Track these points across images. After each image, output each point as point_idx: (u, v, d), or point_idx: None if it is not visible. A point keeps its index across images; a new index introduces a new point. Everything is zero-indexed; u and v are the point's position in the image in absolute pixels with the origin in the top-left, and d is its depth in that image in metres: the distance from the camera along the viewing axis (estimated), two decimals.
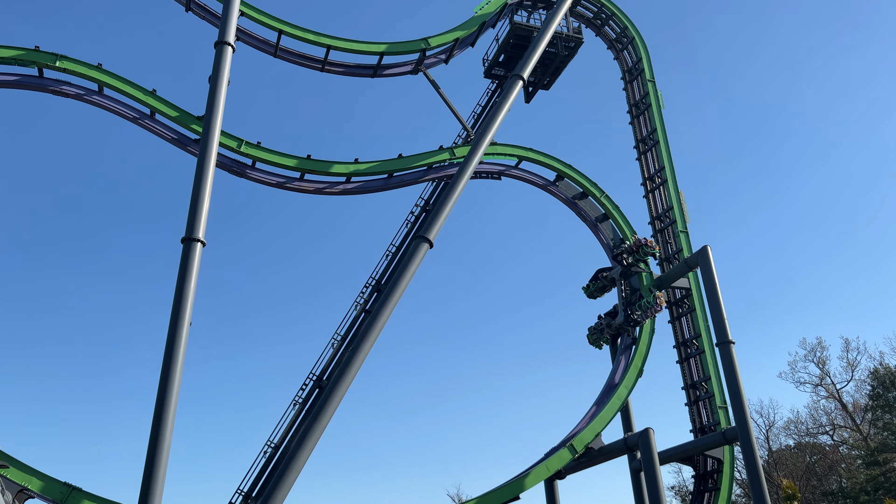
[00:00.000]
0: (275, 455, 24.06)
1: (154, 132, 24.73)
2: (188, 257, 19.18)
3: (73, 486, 19.25)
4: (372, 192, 27.48)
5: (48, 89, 23.51)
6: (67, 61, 23.09)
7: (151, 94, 23.99)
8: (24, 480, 19.04)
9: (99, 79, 23.54)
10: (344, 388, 20.06)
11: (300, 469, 18.98)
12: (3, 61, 22.63)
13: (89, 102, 24.16)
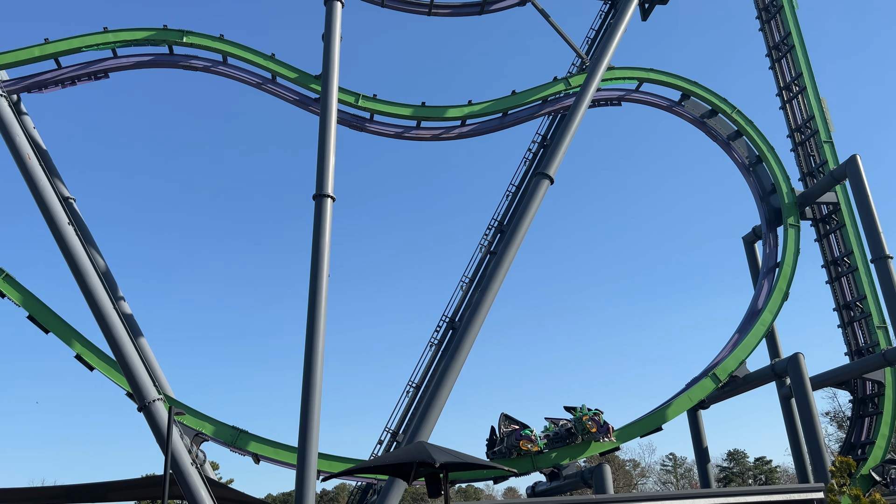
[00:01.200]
0: (416, 394, 25.15)
1: (277, 95, 25.69)
2: (321, 212, 20.07)
3: (241, 430, 21.15)
4: (488, 132, 27.29)
5: (179, 65, 24.96)
6: (194, 36, 24.33)
7: (271, 58, 24.86)
8: (198, 426, 21.14)
9: (223, 49, 24.67)
10: (476, 328, 20.50)
11: (442, 406, 19.77)
12: (137, 43, 24.21)
13: (215, 73, 25.42)
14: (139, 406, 19.34)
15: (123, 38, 24.05)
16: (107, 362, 21.69)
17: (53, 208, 20.65)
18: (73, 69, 24.25)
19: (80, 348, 21.79)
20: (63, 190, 24.91)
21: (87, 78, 24.58)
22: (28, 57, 23.42)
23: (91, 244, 24.24)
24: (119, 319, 20.22)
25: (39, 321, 21.82)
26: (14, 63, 23.35)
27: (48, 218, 20.63)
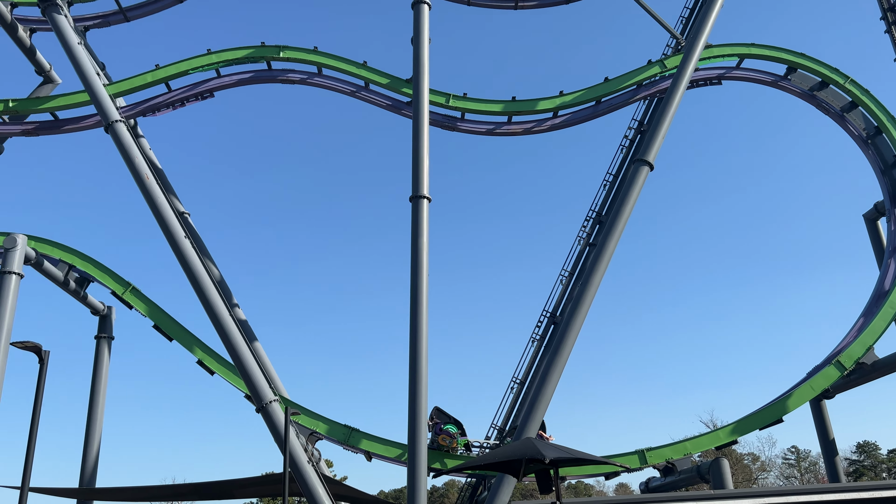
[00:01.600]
0: (521, 391, 25.05)
1: (370, 102, 26.28)
2: (418, 213, 20.36)
3: (353, 428, 21.79)
4: (581, 122, 26.79)
5: (277, 79, 26.01)
6: (289, 50, 25.28)
7: (363, 66, 25.45)
8: (313, 425, 21.94)
9: (317, 61, 25.48)
10: (579, 322, 20.18)
11: (547, 402, 19.60)
12: (238, 61, 25.40)
13: (311, 84, 26.31)
14: (257, 407, 20.29)
15: (225, 58, 25.31)
16: (225, 366, 22.89)
17: (171, 223, 22.01)
18: (181, 91, 25.75)
19: (201, 354, 23.10)
20: (178, 205, 26.49)
21: (194, 98, 26.03)
22: (142, 83, 25.08)
23: (206, 255, 25.65)
24: (235, 325, 21.30)
25: (164, 330, 23.32)
26: (130, 90, 25.07)
27: (167, 232, 22.00)
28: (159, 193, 22.43)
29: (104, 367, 27.70)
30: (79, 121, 26.07)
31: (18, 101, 25.65)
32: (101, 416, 26.85)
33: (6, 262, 22.07)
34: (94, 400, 26.99)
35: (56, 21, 23.90)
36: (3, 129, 26.31)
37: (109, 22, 27.27)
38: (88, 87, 23.42)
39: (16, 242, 22.37)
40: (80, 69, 23.51)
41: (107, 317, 28.42)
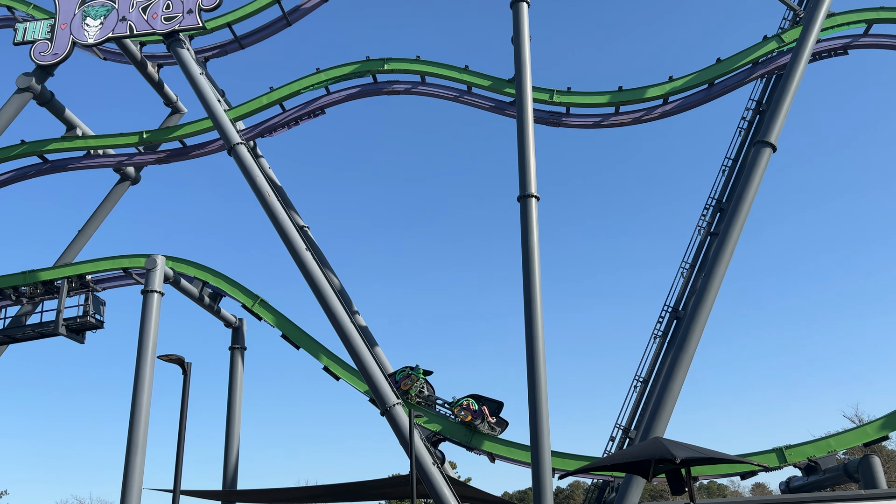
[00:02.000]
0: (645, 389, 24.32)
1: (473, 105, 26.40)
2: (527, 213, 20.24)
3: (475, 430, 21.89)
4: (693, 107, 25.66)
5: (383, 91, 26.66)
6: (394, 62, 25.86)
7: (465, 70, 25.62)
8: (436, 427, 22.23)
9: (420, 70, 25.90)
10: (704, 316, 19.34)
11: (674, 400, 18.89)
12: (345, 77, 26.27)
13: (416, 93, 26.78)
14: (381, 411, 20.86)
15: (333, 75, 26.24)
16: (350, 372, 23.67)
17: (293, 237, 23.08)
18: (295, 110, 26.94)
19: (327, 361, 24.02)
20: (298, 220, 27.72)
21: (307, 116, 27.16)
22: (258, 106, 26.45)
23: (326, 265, 26.66)
24: (356, 332, 22.03)
25: (291, 339, 24.44)
26: (248, 113, 26.50)
27: (289, 246, 23.09)
28: (280, 210, 23.57)
29: (239, 375, 29.39)
30: (204, 146, 27.83)
31: (151, 132, 27.72)
32: (238, 421, 28.51)
33: (148, 281, 23.89)
34: (231, 407, 28.70)
35: (180, 55, 25.65)
36: (139, 159, 28.54)
37: (227, 51, 28.97)
38: (211, 113, 24.98)
39: (156, 263, 24.18)
40: (203, 98, 25.10)
41: (239, 329, 30.15)
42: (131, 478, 20.55)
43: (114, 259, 26.07)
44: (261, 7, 27.19)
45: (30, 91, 25.98)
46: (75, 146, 27.58)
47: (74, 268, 26.23)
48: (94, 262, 26.24)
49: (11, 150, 27.32)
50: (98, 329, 26.62)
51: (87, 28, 25.89)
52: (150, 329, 23.01)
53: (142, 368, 22.24)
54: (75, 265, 26.37)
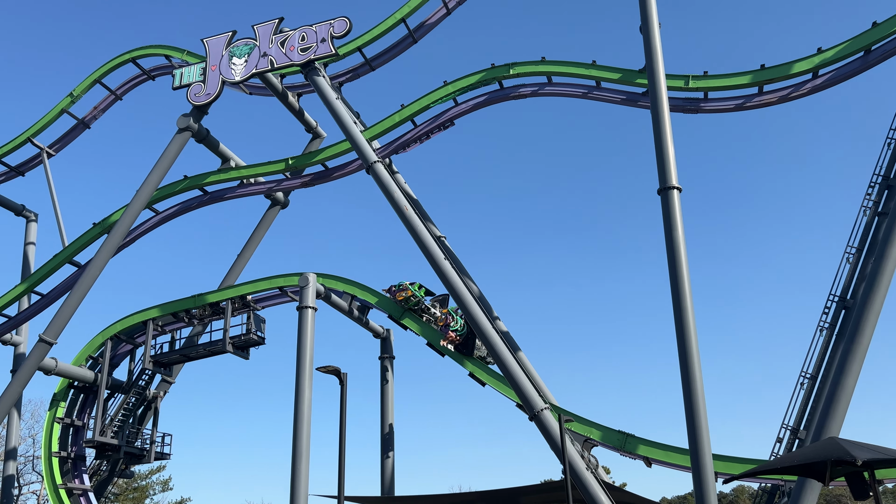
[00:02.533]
0: (813, 386, 22.51)
1: (603, 100, 25.81)
2: (669, 205, 19.44)
3: (628, 434, 21.28)
4: (848, 78, 23.55)
5: (510, 97, 26.70)
6: (519, 66, 25.85)
7: (593, 65, 25.10)
8: (586, 431, 21.85)
9: (547, 70, 25.69)
10: (878, 303, 17.66)
11: (849, 397, 17.40)
12: (472, 87, 26.57)
13: (543, 95, 26.58)
14: (530, 416, 20.76)
15: (460, 86, 26.64)
16: (495, 378, 23.80)
17: (431, 248, 23.62)
18: (425, 125, 27.61)
19: (472, 367, 24.31)
20: (435, 230, 28.32)
21: (437, 129, 27.74)
22: (391, 124, 27.37)
23: (465, 273, 27.02)
24: (499, 337, 22.12)
25: (437, 347, 24.97)
26: (383, 132, 27.48)
27: (428, 256, 23.65)
28: (418, 222, 24.21)
29: (389, 384, 30.43)
30: (344, 167, 29.17)
31: (295, 158, 29.45)
32: (392, 428, 29.49)
33: (302, 298, 25.33)
34: (384, 414, 29.74)
35: (316, 82, 27.09)
36: (287, 184, 30.39)
37: (358, 74, 30.24)
38: (349, 135, 26.15)
39: (308, 281, 25.60)
40: (341, 121, 26.34)
41: (387, 339, 31.24)
42: (298, 484, 21.80)
43: (270, 279, 27.88)
44: (388, 28, 28.15)
45: (188, 130, 28.44)
46: (230, 177, 29.82)
47: (236, 289, 28.33)
48: (253, 283, 28.21)
49: (176, 185, 30.03)
50: (260, 345, 28.60)
51: (233, 67, 28.00)
52: (306, 343, 24.37)
53: (301, 380, 23.59)
54: (237, 287, 28.47)
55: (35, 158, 34.40)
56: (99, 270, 27.02)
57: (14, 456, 33.84)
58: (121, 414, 29.38)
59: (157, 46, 32.22)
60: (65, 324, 26.39)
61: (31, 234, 36.79)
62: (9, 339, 33.65)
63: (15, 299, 31.01)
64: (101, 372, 29.19)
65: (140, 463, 30.65)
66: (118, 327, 29.58)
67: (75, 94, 33.16)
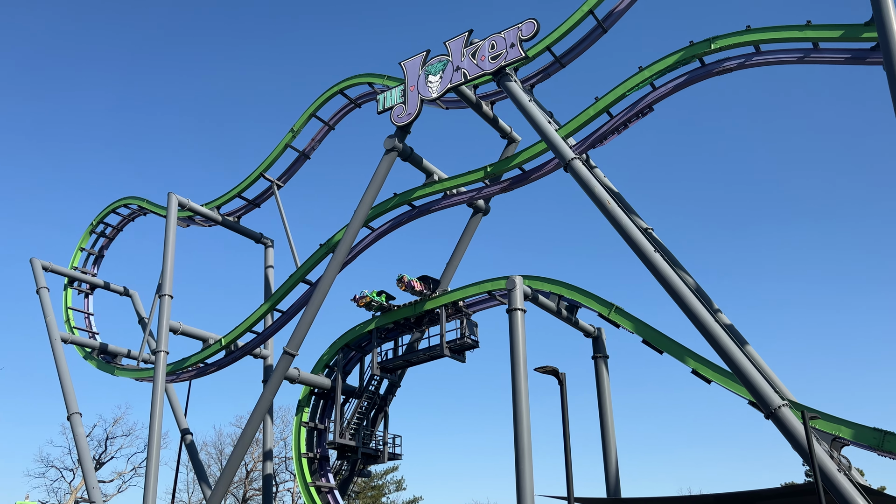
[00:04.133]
0: None
1: (823, 62, 23.27)
2: None
3: (886, 431, 18.86)
4: None
5: (712, 73, 25.01)
6: (721, 39, 24.14)
7: (807, 26, 22.74)
8: (834, 429, 19.73)
9: (753, 39, 23.71)
10: None
11: None
12: (670, 69, 25.31)
13: (750, 66, 24.54)
14: (766, 413, 19.18)
15: (657, 69, 25.48)
16: (722, 374, 22.33)
17: (638, 240, 22.79)
18: (622, 115, 26.76)
19: (695, 364, 23.03)
20: (641, 223, 27.32)
21: (635, 118, 26.78)
22: (586, 118, 26.87)
23: (678, 266, 25.75)
24: (722, 330, 20.72)
25: (653, 344, 24.01)
26: (578, 127, 27.05)
27: (636, 249, 22.84)
28: (622, 215, 23.51)
29: (605, 383, 29.82)
30: (541, 168, 29.19)
31: (493, 164, 30.03)
32: (612, 428, 28.86)
33: (511, 301, 25.70)
34: (603, 414, 29.19)
35: (509, 88, 27.44)
36: (487, 192, 31.09)
37: (549, 73, 30.15)
38: (544, 135, 26.12)
39: (515, 283, 25.94)
40: (535, 122, 26.40)
41: (598, 338, 30.68)
42: (523, 484, 22.07)
43: (478, 284, 28.67)
44: (576, 22, 27.73)
45: (394, 150, 30.20)
46: (434, 190, 31.18)
47: (448, 296, 29.51)
48: (462, 289, 29.21)
49: (388, 202, 32.03)
50: (475, 348, 29.52)
51: (429, 85, 29.28)
52: (519, 344, 24.67)
53: (518, 381, 23.91)
54: (449, 294, 29.65)
55: (267, 191, 38.59)
56: (328, 286, 29.57)
57: (270, 457, 38.13)
58: (356, 417, 31.84)
59: (361, 76, 34.66)
60: (303, 336, 29.21)
61: (269, 258, 41.33)
62: (258, 353, 38.07)
63: (261, 317, 34.93)
64: (336, 379, 31.92)
65: (375, 463, 32.95)
66: (348, 337, 32.16)
67: (295, 129, 36.70)
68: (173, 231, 35.70)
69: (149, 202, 40.53)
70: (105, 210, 42.89)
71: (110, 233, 44.01)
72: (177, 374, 37.09)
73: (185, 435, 37.65)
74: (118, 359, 41.25)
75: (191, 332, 37.63)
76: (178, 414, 38.21)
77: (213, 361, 36.68)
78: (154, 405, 31.21)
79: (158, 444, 30.90)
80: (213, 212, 38.68)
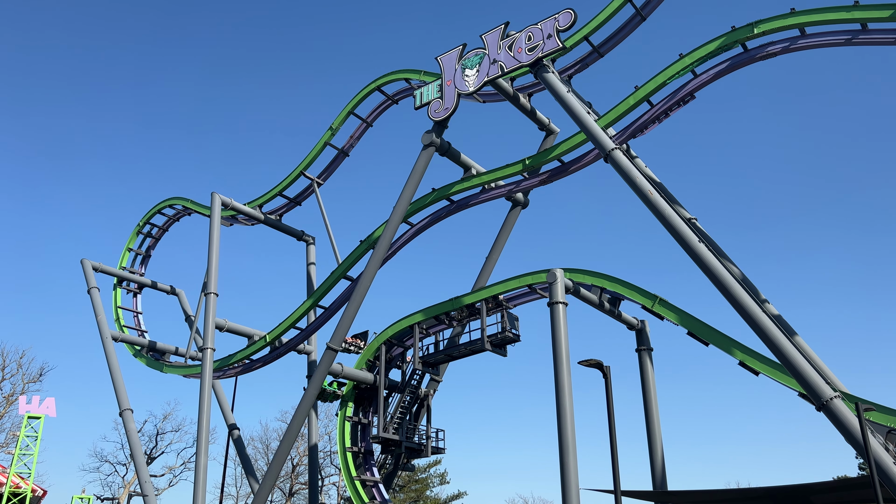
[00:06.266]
0: None
1: (872, 43, 22.57)
2: None
3: None
4: None
5: (755, 58, 24.44)
6: (764, 23, 23.57)
7: (855, 6, 22.02)
8: (889, 421, 19.18)
9: (798, 22, 23.10)
10: None
11: None
12: (711, 55, 24.80)
13: (795, 50, 23.93)
14: (817, 405, 18.73)
15: (698, 56, 24.99)
16: (770, 366, 21.87)
17: (681, 230, 22.41)
18: (663, 103, 26.34)
19: (742, 355, 22.58)
20: (684, 213, 26.87)
21: (676, 106, 26.33)
22: (626, 108, 26.51)
23: (723, 256, 25.26)
24: (769, 321, 20.27)
25: (699, 336, 23.61)
26: (617, 118, 26.70)
27: (679, 239, 22.46)
28: (665, 205, 23.14)
29: (650, 376, 29.44)
30: (581, 159, 28.92)
31: (532, 157, 29.84)
32: (657, 421, 28.49)
33: (552, 294, 25.53)
34: (648, 408, 28.84)
35: (547, 79, 27.21)
36: (526, 185, 30.93)
37: (587, 63, 29.82)
38: (583, 126, 25.84)
39: (556, 277, 25.75)
40: (574, 113, 26.14)
41: (642, 330, 30.29)
42: (568, 478, 21.95)
43: (519, 278, 28.53)
44: (614, 11, 27.37)
45: (432, 145, 30.24)
46: (472, 184, 31.14)
47: (489, 290, 29.44)
48: (503, 283, 29.10)
49: (426, 198, 32.11)
50: (516, 342, 29.41)
51: (466, 79, 29.23)
52: (561, 338, 24.49)
53: (560, 375, 23.75)
54: (489, 288, 29.58)
55: (308, 189, 39.06)
56: (369, 282, 29.81)
57: (316, 451, 38.66)
58: (399, 412, 32.05)
59: (398, 72, 34.78)
60: (346, 332, 29.51)
61: (311, 255, 41.84)
62: (303, 349, 38.61)
63: (304, 313, 35.40)
64: (378, 374, 32.17)
65: (419, 457, 33.12)
66: (389, 332, 32.36)
67: (334, 126, 37.03)
68: (217, 230, 36.39)
69: (193, 202, 41.36)
70: (151, 211, 43.95)
71: (156, 233, 45.09)
72: (223, 371, 37.84)
73: (233, 430, 38.42)
74: (166, 356, 42.29)
75: (236, 329, 38.35)
76: (225, 409, 39.00)
77: (258, 358, 37.33)
78: (202, 401, 31.91)
79: (207, 439, 31.59)
80: (255, 210, 39.31)
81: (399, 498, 58.93)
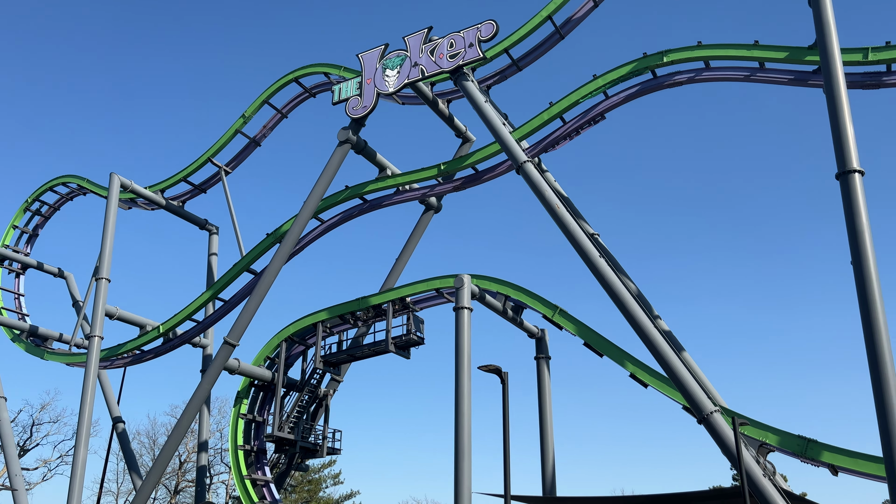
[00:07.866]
0: None
1: (768, 81, 24.12)
2: (849, 191, 17.73)
3: (809, 439, 19.69)
4: None
5: (663, 85, 25.61)
6: (673, 52, 24.74)
7: (755, 46, 23.53)
8: (761, 436, 20.49)
9: (703, 55, 24.39)
10: None
11: None
12: (623, 78, 25.82)
13: (699, 81, 25.24)
14: (698, 419, 19.80)
15: (611, 79, 25.97)
16: (658, 379, 22.95)
17: (585, 245, 23.22)
18: (575, 121, 27.17)
19: (633, 368, 23.60)
20: (588, 228, 27.81)
21: (588, 125, 27.23)
22: (540, 122, 27.20)
23: (621, 271, 26.30)
24: (659, 336, 21.30)
25: (594, 347, 24.50)
26: (531, 131, 27.35)
27: (582, 254, 23.25)
28: (570, 220, 23.90)
29: (546, 384, 30.26)
30: (494, 169, 29.43)
31: (447, 163, 30.11)
32: (551, 428, 29.30)
33: (458, 299, 25.83)
34: (542, 414, 29.62)
35: (466, 87, 27.54)
36: (440, 189, 31.17)
37: (506, 76, 30.38)
38: (498, 137, 26.33)
39: (463, 282, 26.08)
40: (490, 123, 26.59)
41: (542, 339, 31.11)
42: (461, 481, 22.23)
43: (427, 282, 28.70)
44: (534, 27, 28.00)
45: (348, 142, 29.97)
46: (387, 185, 31.08)
47: (396, 292, 29.46)
48: (411, 285, 29.18)
49: (339, 195, 31.76)
50: (420, 345, 29.54)
51: (387, 79, 29.16)
52: (464, 343, 24.81)
53: (461, 379, 24.04)
54: (397, 289, 29.60)
55: (214, 176, 37.78)
56: (273, 277, 29.16)
57: (206, 448, 37.38)
58: (296, 411, 31.49)
59: (317, 65, 34.25)
60: (245, 327, 28.73)
61: (214, 245, 40.48)
62: (198, 342, 37.24)
63: (202, 305, 34.19)
64: (277, 371, 31.50)
65: (314, 457, 32.66)
66: (291, 329, 31.77)
67: (247, 114, 36.03)
68: (114, 213, 34.63)
69: (89, 181, 39.16)
70: (42, 187, 41.29)
71: (46, 211, 42.43)
72: (111, 361, 35.99)
73: (117, 423, 36.58)
74: (49, 342, 39.82)
75: (128, 318, 36.53)
76: (110, 401, 37.06)
77: (149, 349, 35.73)
78: (85, 391, 30.24)
79: (88, 431, 29.95)
80: (156, 195, 37.67)
81: (291, 498, 57.82)
